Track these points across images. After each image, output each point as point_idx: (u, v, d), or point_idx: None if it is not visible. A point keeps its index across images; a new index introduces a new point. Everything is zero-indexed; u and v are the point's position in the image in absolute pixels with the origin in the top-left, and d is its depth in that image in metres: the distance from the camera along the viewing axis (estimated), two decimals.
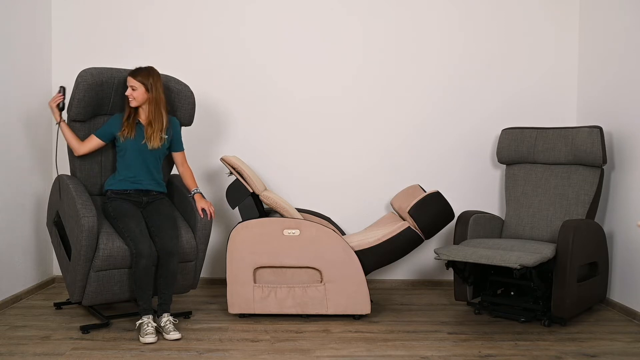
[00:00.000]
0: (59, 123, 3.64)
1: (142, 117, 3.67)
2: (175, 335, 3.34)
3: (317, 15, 4.64)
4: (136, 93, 3.60)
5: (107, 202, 3.62)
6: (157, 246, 3.44)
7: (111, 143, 3.73)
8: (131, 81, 3.60)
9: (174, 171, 4.17)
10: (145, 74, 3.62)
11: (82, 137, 3.71)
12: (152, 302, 3.44)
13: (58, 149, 4.00)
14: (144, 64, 3.88)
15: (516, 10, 4.68)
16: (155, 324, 3.37)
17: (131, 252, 3.40)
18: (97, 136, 3.66)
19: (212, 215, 3.69)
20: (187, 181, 3.81)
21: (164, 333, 3.36)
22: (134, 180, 3.65)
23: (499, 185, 4.72)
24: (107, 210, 3.59)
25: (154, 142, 3.62)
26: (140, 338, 3.29)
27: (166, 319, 3.39)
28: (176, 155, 3.82)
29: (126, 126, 3.62)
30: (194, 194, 3.74)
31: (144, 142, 3.62)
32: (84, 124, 3.72)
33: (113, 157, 3.79)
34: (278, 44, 4.64)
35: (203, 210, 3.67)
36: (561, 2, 4.68)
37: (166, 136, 3.68)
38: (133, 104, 3.62)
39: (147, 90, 3.61)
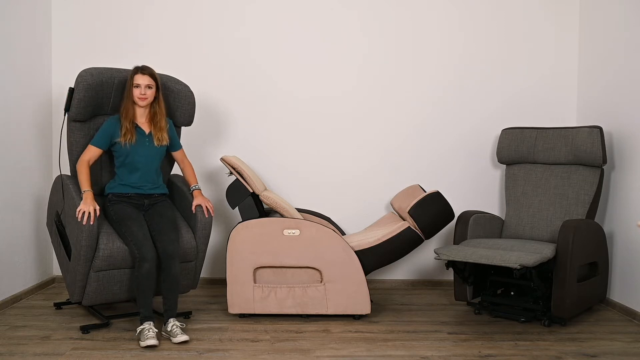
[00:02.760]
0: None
1: (140, 119, 3.64)
2: (182, 337, 3.29)
3: (317, 16, 4.64)
4: (150, 92, 3.56)
5: (108, 205, 3.59)
6: (159, 250, 3.42)
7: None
8: (146, 79, 3.53)
9: (176, 170, 4.16)
10: (153, 70, 3.59)
11: (82, 137, 3.70)
12: (152, 308, 3.41)
13: (61, 149, 4.00)
14: (142, 64, 3.86)
15: (516, 10, 4.68)
16: (156, 330, 3.32)
17: (134, 256, 3.38)
18: (96, 146, 3.58)
19: (210, 211, 3.66)
20: (188, 177, 3.81)
21: (171, 337, 3.31)
22: (136, 186, 3.61)
23: (499, 185, 4.72)
24: (109, 213, 3.56)
25: (163, 141, 3.62)
26: (141, 342, 3.23)
27: (172, 324, 3.36)
28: (176, 154, 3.82)
29: (128, 130, 3.54)
30: (192, 190, 3.73)
31: (156, 138, 3.59)
32: (83, 124, 3.72)
33: (109, 161, 3.77)
34: (278, 44, 4.63)
35: (199, 206, 3.65)
36: (561, 2, 4.68)
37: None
38: (144, 103, 3.56)
39: (157, 87, 3.59)
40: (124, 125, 3.55)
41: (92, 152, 3.58)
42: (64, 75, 4.52)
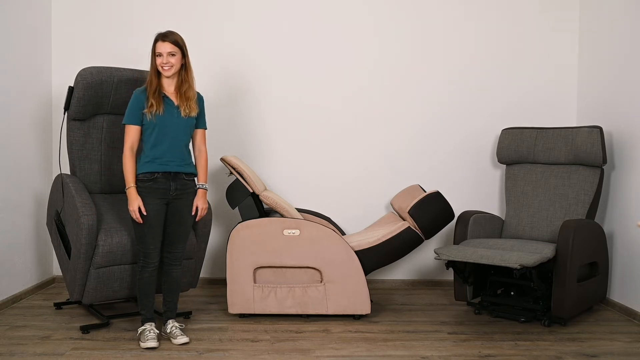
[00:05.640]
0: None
1: (168, 89, 3.33)
2: (183, 339, 3.29)
3: (319, 20, 4.64)
4: (175, 59, 3.26)
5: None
6: (164, 253, 3.37)
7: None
8: (168, 46, 3.24)
9: None
10: (178, 36, 3.30)
11: (82, 135, 3.70)
12: (154, 309, 3.40)
13: (60, 148, 4.00)
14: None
15: (517, 11, 4.67)
16: (157, 331, 3.32)
17: (138, 257, 3.35)
18: (131, 123, 3.28)
19: (201, 214, 3.48)
20: (199, 170, 3.51)
21: (171, 339, 3.32)
22: (162, 162, 3.27)
23: (499, 185, 4.72)
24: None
25: (192, 111, 3.32)
26: (141, 343, 3.24)
27: (172, 325, 3.37)
28: (198, 133, 3.48)
29: (153, 103, 3.23)
30: (198, 188, 3.51)
31: (183, 108, 3.29)
32: (83, 123, 3.72)
33: (113, 155, 3.77)
34: (280, 46, 4.63)
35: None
36: (561, 3, 4.68)
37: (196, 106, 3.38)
38: (169, 72, 3.26)
39: (183, 55, 3.30)
40: (149, 98, 3.26)
41: (131, 133, 3.28)
42: (64, 75, 4.51)
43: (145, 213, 3.23)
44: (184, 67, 3.33)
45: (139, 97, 3.28)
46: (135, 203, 3.22)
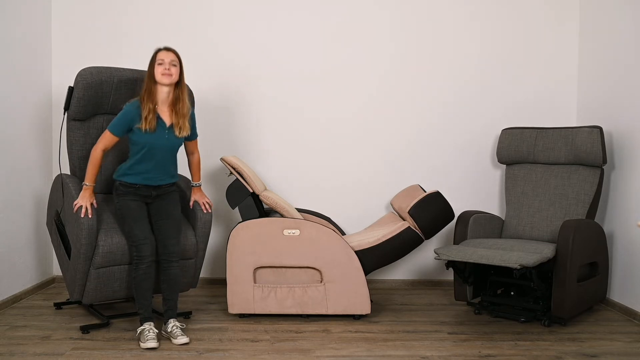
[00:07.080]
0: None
1: (162, 106, 3.38)
2: (183, 339, 3.29)
3: (319, 20, 4.64)
4: (175, 70, 3.33)
5: (115, 194, 3.44)
6: (160, 250, 3.40)
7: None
8: (170, 55, 3.35)
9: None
10: (176, 51, 3.42)
11: (82, 135, 3.70)
12: (152, 308, 3.40)
13: (60, 148, 4.00)
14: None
15: (517, 11, 4.67)
16: (157, 331, 3.32)
17: (132, 255, 3.38)
18: (113, 132, 3.34)
19: (208, 207, 3.66)
20: (193, 171, 3.68)
21: (171, 338, 3.32)
22: (146, 177, 3.40)
23: (499, 185, 4.72)
24: (114, 203, 3.45)
25: (184, 131, 3.40)
26: (141, 343, 3.24)
27: (172, 324, 3.36)
28: (189, 144, 3.61)
29: (150, 110, 3.29)
30: (193, 186, 3.68)
31: (178, 128, 3.37)
32: (83, 123, 3.72)
33: (113, 155, 3.76)
34: (282, 47, 4.63)
35: (197, 203, 3.65)
36: (562, 3, 4.68)
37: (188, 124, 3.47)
38: (168, 80, 3.31)
39: (181, 69, 3.38)
40: (146, 107, 3.30)
41: (108, 140, 3.36)
42: (64, 75, 4.52)
43: (90, 216, 3.32)
44: (179, 85, 3.42)
45: (133, 111, 3.35)
46: (85, 200, 3.34)
